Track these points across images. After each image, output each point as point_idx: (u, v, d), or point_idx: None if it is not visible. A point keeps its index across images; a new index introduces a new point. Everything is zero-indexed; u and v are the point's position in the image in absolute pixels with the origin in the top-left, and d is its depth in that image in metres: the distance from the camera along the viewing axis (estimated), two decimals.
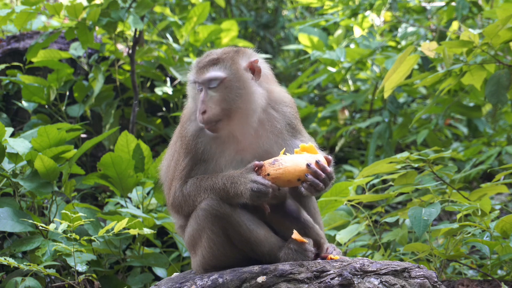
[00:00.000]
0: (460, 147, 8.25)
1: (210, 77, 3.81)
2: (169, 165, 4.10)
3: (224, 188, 3.73)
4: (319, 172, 3.66)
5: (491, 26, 5.03)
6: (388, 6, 8.57)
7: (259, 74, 3.90)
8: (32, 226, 4.90)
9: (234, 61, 3.86)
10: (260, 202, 3.70)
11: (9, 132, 5.25)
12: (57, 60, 6.92)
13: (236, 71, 3.84)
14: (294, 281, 3.62)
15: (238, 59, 3.88)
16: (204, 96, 3.81)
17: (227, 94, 3.81)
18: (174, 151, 4.06)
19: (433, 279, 3.69)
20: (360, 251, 5.40)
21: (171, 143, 4.19)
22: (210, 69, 3.83)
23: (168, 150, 4.21)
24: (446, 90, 5.62)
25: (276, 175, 3.63)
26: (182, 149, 3.93)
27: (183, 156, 3.92)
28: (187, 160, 3.90)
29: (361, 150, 9.63)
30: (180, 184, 3.88)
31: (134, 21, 6.62)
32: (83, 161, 6.96)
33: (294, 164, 3.65)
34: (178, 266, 5.60)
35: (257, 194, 3.64)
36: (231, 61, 3.85)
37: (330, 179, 3.71)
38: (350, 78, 9.61)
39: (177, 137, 4.07)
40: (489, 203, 4.61)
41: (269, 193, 3.64)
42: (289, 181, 3.65)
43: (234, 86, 3.82)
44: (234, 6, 11.73)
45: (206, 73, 3.82)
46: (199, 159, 3.88)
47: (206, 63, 3.84)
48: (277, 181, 3.64)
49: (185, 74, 7.28)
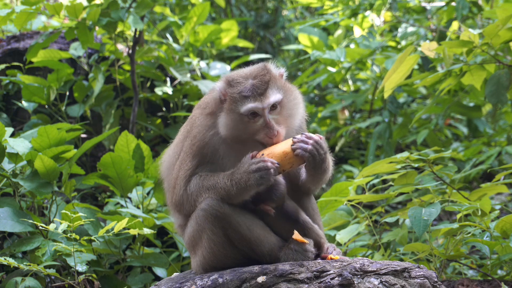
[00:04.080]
0: (460, 147, 8.25)
1: (274, 100, 3.81)
2: (172, 162, 4.08)
3: (225, 187, 3.73)
4: (305, 139, 3.76)
5: (491, 26, 5.03)
6: (388, 6, 8.57)
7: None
8: (32, 226, 4.90)
9: (278, 78, 3.90)
10: (267, 183, 3.69)
11: (9, 132, 5.25)
12: (57, 60, 6.92)
13: (284, 87, 3.89)
14: (294, 281, 3.62)
15: (279, 75, 3.93)
16: (269, 120, 3.80)
17: (287, 111, 3.87)
18: (181, 150, 4.02)
19: (433, 279, 3.69)
20: (360, 251, 5.40)
21: (176, 140, 4.14)
22: (269, 93, 3.81)
23: (173, 146, 4.17)
24: (446, 90, 5.61)
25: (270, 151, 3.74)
26: (192, 150, 3.91)
27: (191, 157, 3.90)
28: (195, 162, 3.89)
29: (361, 150, 9.63)
30: (185, 183, 3.87)
31: (134, 21, 6.62)
32: (83, 161, 6.96)
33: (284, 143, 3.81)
34: (178, 266, 5.60)
35: (260, 174, 3.65)
36: (278, 79, 3.88)
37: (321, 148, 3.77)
38: (350, 78, 9.62)
39: (186, 136, 4.02)
40: (489, 203, 4.61)
41: (270, 168, 3.66)
42: (284, 152, 3.73)
43: (290, 101, 3.88)
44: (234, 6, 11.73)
45: (268, 98, 3.80)
46: (207, 161, 3.89)
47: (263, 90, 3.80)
48: (273, 156, 3.71)
49: (185, 74, 7.29)
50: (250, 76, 3.84)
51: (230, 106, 3.81)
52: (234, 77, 3.87)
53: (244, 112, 3.78)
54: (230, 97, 3.82)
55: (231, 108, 3.81)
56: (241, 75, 3.87)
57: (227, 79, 3.88)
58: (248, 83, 3.81)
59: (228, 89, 3.84)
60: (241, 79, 3.84)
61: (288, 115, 3.88)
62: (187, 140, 3.99)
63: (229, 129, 3.83)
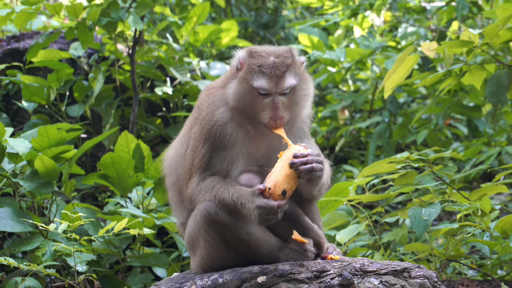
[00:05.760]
0: (460, 147, 8.25)
1: (289, 86, 3.80)
2: (179, 154, 4.04)
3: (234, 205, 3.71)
4: (303, 159, 3.68)
5: (491, 26, 5.03)
6: (388, 6, 8.57)
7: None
8: (32, 226, 4.90)
9: (299, 65, 3.88)
10: (270, 223, 3.70)
11: (9, 132, 5.25)
12: (57, 60, 6.92)
13: (302, 75, 3.88)
14: (294, 281, 3.62)
15: (300, 62, 3.91)
16: (278, 102, 3.78)
17: (296, 98, 3.85)
18: (189, 139, 3.98)
19: (433, 279, 3.69)
20: (360, 251, 5.40)
21: (183, 132, 4.12)
22: (287, 77, 3.80)
23: (178, 139, 4.14)
24: (446, 90, 5.61)
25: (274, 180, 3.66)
26: (202, 133, 3.87)
27: (203, 142, 3.86)
28: (208, 146, 3.85)
29: (361, 150, 9.63)
30: (198, 176, 3.83)
31: (134, 21, 6.62)
32: (83, 161, 6.96)
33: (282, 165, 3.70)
34: (178, 266, 5.60)
35: (265, 218, 3.64)
36: (298, 66, 3.87)
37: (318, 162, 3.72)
38: (350, 78, 9.61)
39: (193, 123, 3.99)
40: (489, 203, 4.61)
41: (277, 212, 3.63)
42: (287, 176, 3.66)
43: (302, 89, 3.86)
44: (234, 6, 11.74)
45: (284, 82, 3.78)
46: (219, 145, 3.86)
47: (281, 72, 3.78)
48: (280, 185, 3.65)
49: (185, 74, 7.29)
50: (273, 54, 3.83)
51: (245, 76, 3.80)
52: (257, 49, 3.87)
53: (256, 86, 3.77)
54: (249, 67, 3.81)
55: (245, 78, 3.80)
56: (265, 50, 3.86)
57: (250, 50, 3.88)
58: (269, 59, 3.80)
59: (248, 59, 3.83)
60: (264, 54, 3.83)
61: (296, 102, 3.86)
62: (195, 126, 3.95)
63: (237, 99, 3.82)
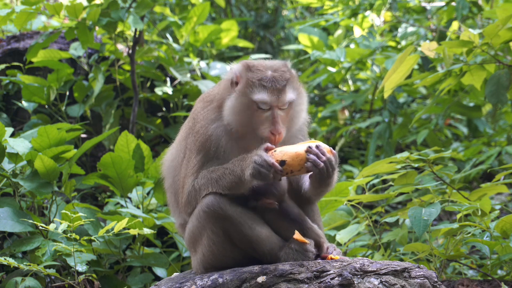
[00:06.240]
0: (460, 147, 8.25)
1: (289, 100, 3.81)
2: (176, 161, 4.06)
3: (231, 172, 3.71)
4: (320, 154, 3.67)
5: (491, 26, 5.03)
6: (388, 6, 8.57)
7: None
8: (32, 226, 4.90)
9: (296, 79, 3.89)
10: (261, 179, 3.65)
11: (9, 132, 5.25)
12: (57, 60, 6.92)
13: (298, 89, 3.89)
14: (294, 281, 3.62)
15: (296, 76, 3.92)
16: (277, 116, 3.78)
17: (293, 113, 3.86)
18: (185, 148, 3.99)
19: (433, 279, 3.69)
20: (360, 251, 5.40)
21: (179, 138, 4.13)
22: (287, 91, 3.80)
23: (175, 145, 4.15)
24: (446, 90, 5.62)
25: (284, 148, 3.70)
26: (195, 146, 3.88)
27: (195, 153, 3.88)
28: (200, 157, 3.86)
29: (361, 150, 9.63)
30: (192, 180, 3.85)
31: (134, 21, 6.62)
32: (83, 161, 6.96)
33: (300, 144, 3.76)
34: (178, 266, 5.60)
35: (258, 169, 3.62)
36: (296, 80, 3.88)
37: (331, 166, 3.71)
38: (350, 78, 9.62)
39: (188, 133, 4.00)
40: (489, 203, 4.61)
41: (270, 168, 3.61)
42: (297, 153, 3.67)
43: (298, 104, 3.88)
44: (234, 6, 11.74)
45: (285, 96, 3.78)
46: (213, 157, 3.86)
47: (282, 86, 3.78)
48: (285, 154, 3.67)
49: (185, 74, 7.28)
50: (270, 68, 3.83)
51: (244, 90, 3.78)
52: (254, 63, 3.86)
53: (257, 100, 3.75)
54: (247, 81, 3.79)
55: (244, 92, 3.78)
56: (262, 64, 3.85)
57: (246, 64, 3.86)
58: (268, 73, 3.79)
59: (246, 73, 3.82)
60: (262, 68, 3.83)
61: (293, 116, 3.87)
62: (190, 137, 3.97)
63: (234, 113, 3.80)
